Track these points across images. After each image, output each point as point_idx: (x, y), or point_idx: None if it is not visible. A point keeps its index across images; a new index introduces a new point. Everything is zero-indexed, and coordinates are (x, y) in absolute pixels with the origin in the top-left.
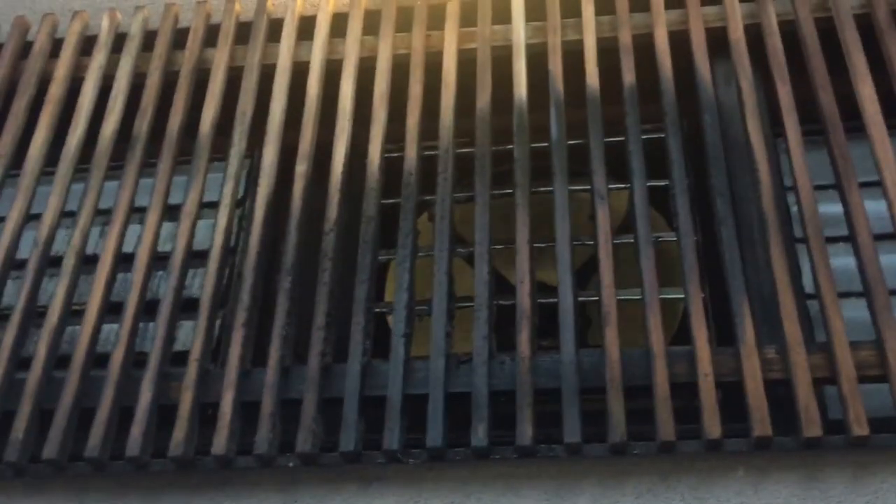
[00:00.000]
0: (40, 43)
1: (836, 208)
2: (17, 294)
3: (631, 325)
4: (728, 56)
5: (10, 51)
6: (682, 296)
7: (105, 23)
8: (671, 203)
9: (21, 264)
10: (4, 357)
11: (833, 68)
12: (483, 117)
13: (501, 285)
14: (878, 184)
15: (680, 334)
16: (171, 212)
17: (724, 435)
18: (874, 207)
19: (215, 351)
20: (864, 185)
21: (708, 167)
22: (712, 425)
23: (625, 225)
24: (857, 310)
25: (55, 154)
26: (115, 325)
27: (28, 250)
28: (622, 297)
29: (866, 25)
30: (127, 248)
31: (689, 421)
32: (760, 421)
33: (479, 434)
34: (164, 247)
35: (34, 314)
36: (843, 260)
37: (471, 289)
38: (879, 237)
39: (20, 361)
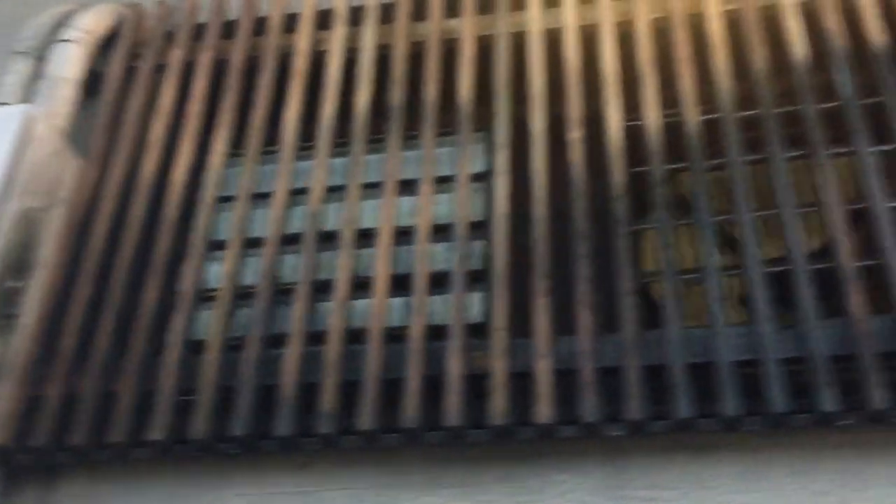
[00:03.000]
0: (276, 17)
1: None
2: (294, 268)
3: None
4: None
5: (244, 28)
6: None
7: None
8: None
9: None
10: (298, 329)
11: None
12: (762, 77)
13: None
14: None
15: None
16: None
17: None
18: None
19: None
20: None
21: None
22: None
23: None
24: None
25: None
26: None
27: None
28: None
29: None
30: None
31: None
32: None
33: (828, 399)
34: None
35: (317, 288)
36: None
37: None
38: None
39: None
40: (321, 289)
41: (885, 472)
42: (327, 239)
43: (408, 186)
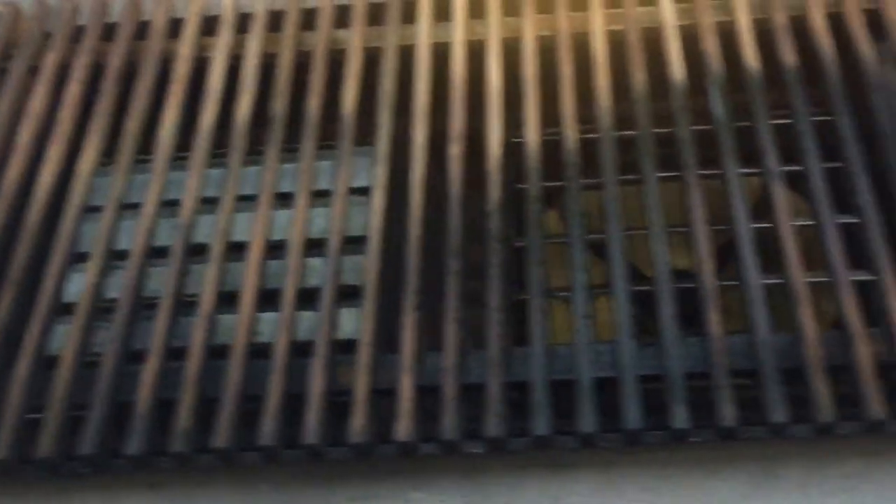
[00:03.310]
0: (159, 22)
1: None
2: (156, 282)
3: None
4: (883, 39)
5: (126, 31)
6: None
7: (226, 1)
8: (849, 182)
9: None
10: (159, 344)
11: None
12: (641, 98)
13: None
14: None
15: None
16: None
17: None
18: None
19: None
20: None
21: (886, 147)
22: None
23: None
24: None
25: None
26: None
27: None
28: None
29: None
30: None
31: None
32: None
33: (681, 415)
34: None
35: (182, 302)
36: None
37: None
38: None
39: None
40: (186, 303)
41: (732, 487)
42: (197, 252)
43: (285, 199)
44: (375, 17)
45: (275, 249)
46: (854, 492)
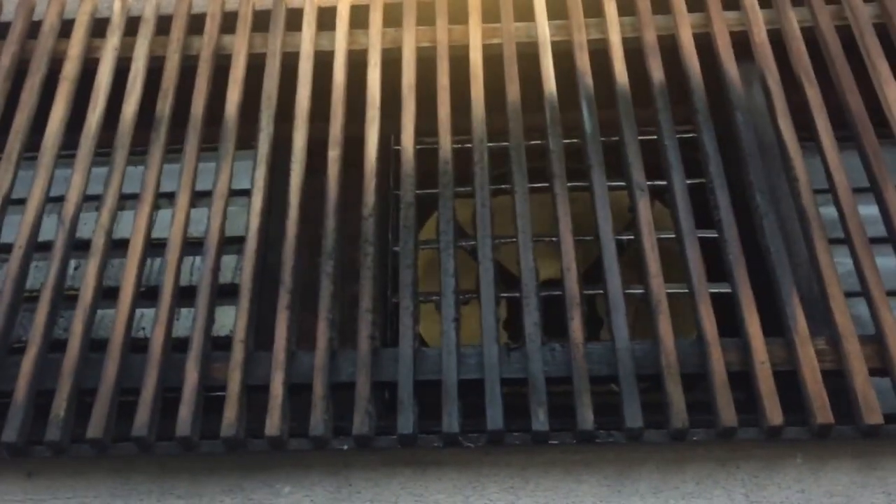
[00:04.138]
0: (50, 22)
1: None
2: (42, 275)
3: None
4: (749, 60)
5: (17, 30)
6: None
7: (117, 5)
8: (711, 198)
9: (41, 246)
10: (38, 336)
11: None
12: (515, 110)
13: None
14: None
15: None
16: (197, 197)
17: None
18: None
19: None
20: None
21: (745, 165)
22: (773, 412)
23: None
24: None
25: (70, 136)
26: (144, 310)
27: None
28: (670, 290)
29: (881, 35)
30: (155, 232)
31: (740, 411)
32: (821, 408)
33: (540, 418)
34: (193, 231)
35: (63, 295)
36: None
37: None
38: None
39: (52, 343)
40: (67, 297)
41: (589, 488)
42: (79, 248)
43: (167, 198)
44: (261, 24)
45: (155, 247)
46: (706, 496)
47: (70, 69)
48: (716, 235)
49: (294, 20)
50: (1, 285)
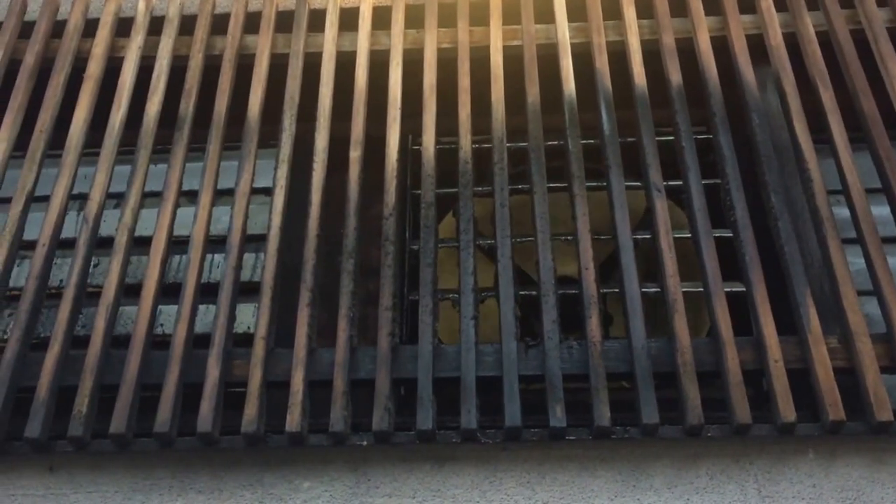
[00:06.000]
0: (74, 22)
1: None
2: (65, 272)
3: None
4: (764, 63)
5: (42, 29)
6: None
7: (141, 4)
8: (726, 198)
9: (65, 243)
10: (60, 332)
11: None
12: (534, 111)
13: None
14: None
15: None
16: (219, 196)
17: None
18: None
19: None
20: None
21: (760, 166)
22: (786, 409)
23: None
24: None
25: (94, 134)
26: (165, 307)
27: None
28: (685, 290)
29: (894, 39)
30: (177, 230)
31: (751, 407)
32: (833, 405)
33: (558, 414)
34: (215, 229)
35: (86, 292)
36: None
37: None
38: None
39: (74, 340)
40: (90, 293)
41: (605, 483)
42: (102, 245)
43: (189, 197)
44: (284, 24)
45: (178, 244)
46: (720, 490)
47: (94, 68)
48: (728, 234)
49: (317, 21)
50: (24, 282)
